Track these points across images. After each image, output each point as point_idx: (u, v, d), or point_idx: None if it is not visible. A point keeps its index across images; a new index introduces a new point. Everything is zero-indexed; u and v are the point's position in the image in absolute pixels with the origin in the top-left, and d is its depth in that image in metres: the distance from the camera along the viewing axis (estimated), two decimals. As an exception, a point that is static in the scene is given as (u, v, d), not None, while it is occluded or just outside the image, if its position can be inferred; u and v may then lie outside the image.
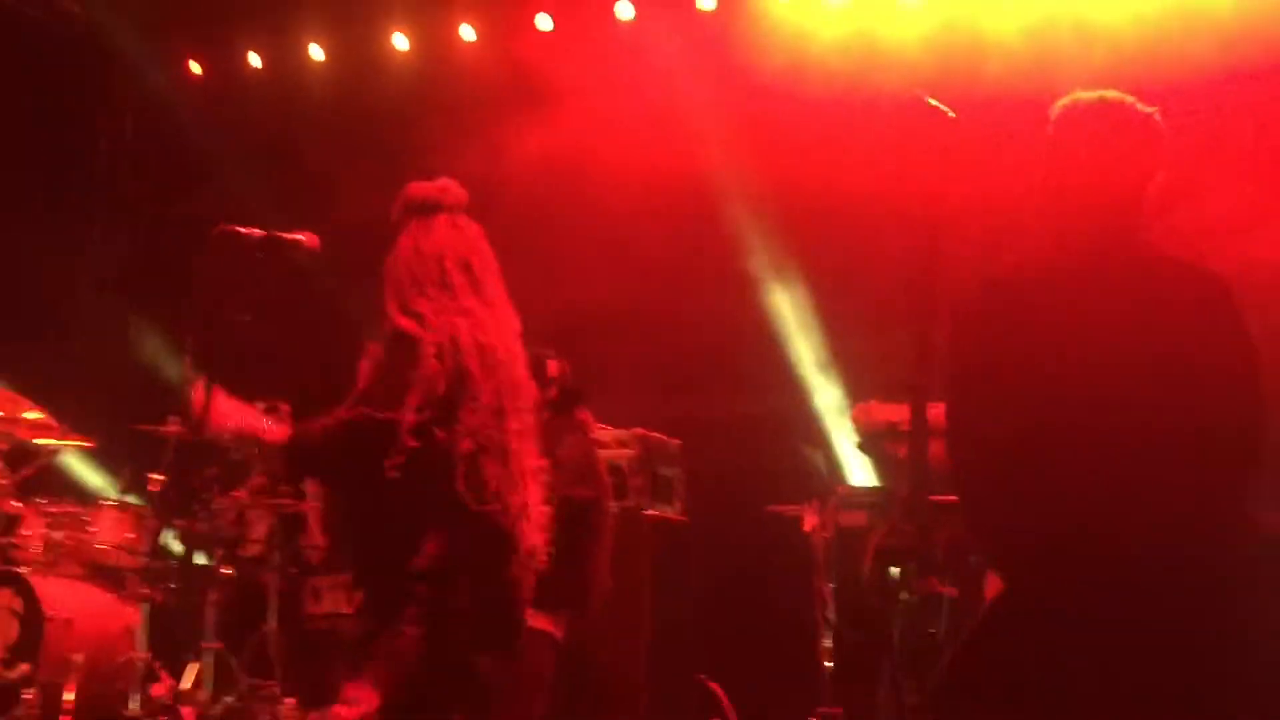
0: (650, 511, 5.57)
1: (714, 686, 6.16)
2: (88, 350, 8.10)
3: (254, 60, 9.34)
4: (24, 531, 6.38)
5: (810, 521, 5.55)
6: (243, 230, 3.52)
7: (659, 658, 5.45)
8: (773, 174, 6.89)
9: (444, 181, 3.58)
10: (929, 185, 3.07)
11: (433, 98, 8.47)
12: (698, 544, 5.84)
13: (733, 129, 7.16)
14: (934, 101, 2.96)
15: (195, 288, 3.42)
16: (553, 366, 4.97)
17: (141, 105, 9.37)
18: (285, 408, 3.69)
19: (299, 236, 3.57)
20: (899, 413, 5.21)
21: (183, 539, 6.61)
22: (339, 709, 3.32)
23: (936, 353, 2.98)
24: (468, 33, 8.67)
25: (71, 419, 6.73)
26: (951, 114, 3.00)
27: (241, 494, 6.38)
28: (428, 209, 3.50)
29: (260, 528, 6.50)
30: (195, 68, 9.46)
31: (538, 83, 7.57)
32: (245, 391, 3.43)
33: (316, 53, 9.12)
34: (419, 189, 3.54)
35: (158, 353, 7.94)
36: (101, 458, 7.70)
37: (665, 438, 5.78)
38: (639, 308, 6.68)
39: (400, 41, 8.88)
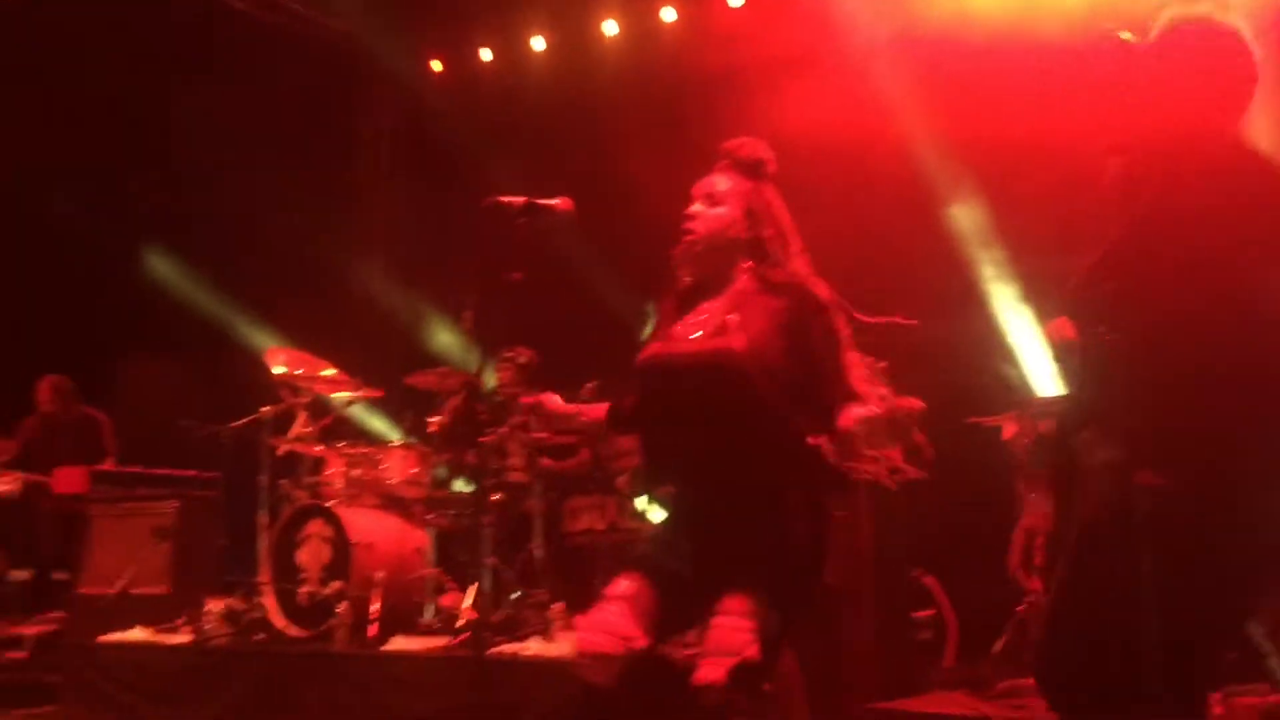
0: (864, 430, 5.55)
1: (929, 581, 6.17)
2: (366, 314, 8.42)
3: (485, 54, 9.57)
4: (328, 471, 6.73)
5: (1010, 430, 5.50)
6: (506, 200, 3.62)
7: (879, 559, 5.46)
8: (959, 110, 6.77)
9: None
10: (1114, 115, 2.97)
11: (641, 79, 8.53)
12: (909, 452, 5.79)
13: (914, 71, 7.02)
14: (1126, 35, 2.85)
15: (472, 253, 3.53)
16: None
17: (395, 101, 9.66)
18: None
19: (555, 202, 3.65)
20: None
21: (457, 471, 6.90)
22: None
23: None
24: (669, 14, 8.72)
25: (360, 373, 7.06)
26: (1136, 40, 2.87)
27: (503, 430, 6.60)
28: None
29: (519, 459, 6.73)
30: (436, 65, 9.74)
31: (737, 55, 7.57)
32: (516, 337, 3.56)
33: (538, 44, 9.29)
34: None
35: (428, 312, 8.20)
36: (385, 406, 8.03)
37: (872, 360, 5.74)
38: (840, 244, 6.63)
39: (610, 28, 8.97)
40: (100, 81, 8.77)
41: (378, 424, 8.28)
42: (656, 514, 6.07)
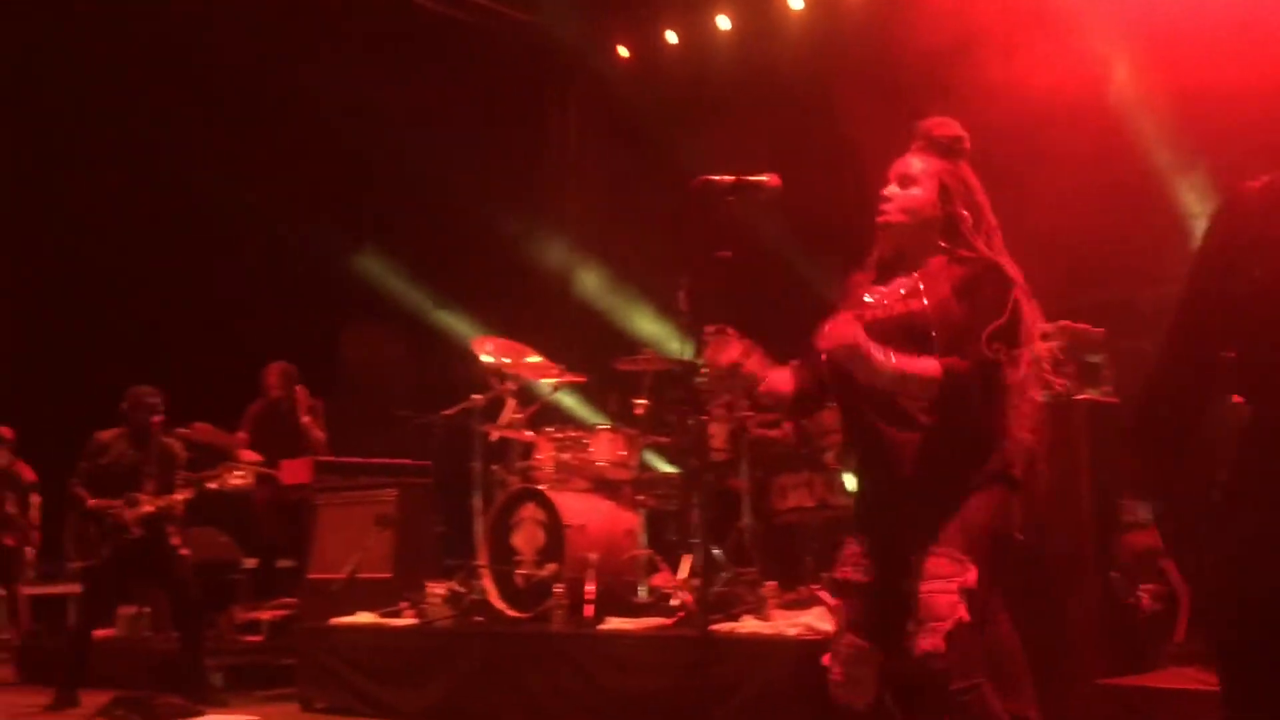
0: (1080, 396, 5.40)
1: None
2: (566, 300, 8.54)
3: (671, 37, 9.60)
4: (538, 456, 6.86)
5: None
6: (715, 178, 3.63)
7: (1102, 530, 5.29)
8: (1172, 74, 6.51)
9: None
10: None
11: (830, 54, 8.43)
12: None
13: (1130, 38, 6.76)
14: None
15: (681, 233, 3.56)
16: None
17: (584, 90, 9.77)
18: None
19: (763, 178, 3.64)
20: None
21: (663, 453, 6.95)
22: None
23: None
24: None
25: (563, 359, 7.19)
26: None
27: (708, 413, 6.61)
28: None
29: (721, 439, 6.72)
30: (624, 51, 9.82)
31: (930, 27, 7.40)
32: (726, 316, 3.55)
33: (724, 23, 9.26)
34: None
35: (626, 296, 8.27)
36: (589, 390, 8.15)
37: (1089, 327, 5.57)
38: (1053, 213, 6.48)
39: (795, 2, 8.89)
40: (300, 83, 9.11)
41: (582, 408, 8.39)
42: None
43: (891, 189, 3.35)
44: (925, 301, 3.24)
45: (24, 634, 9.25)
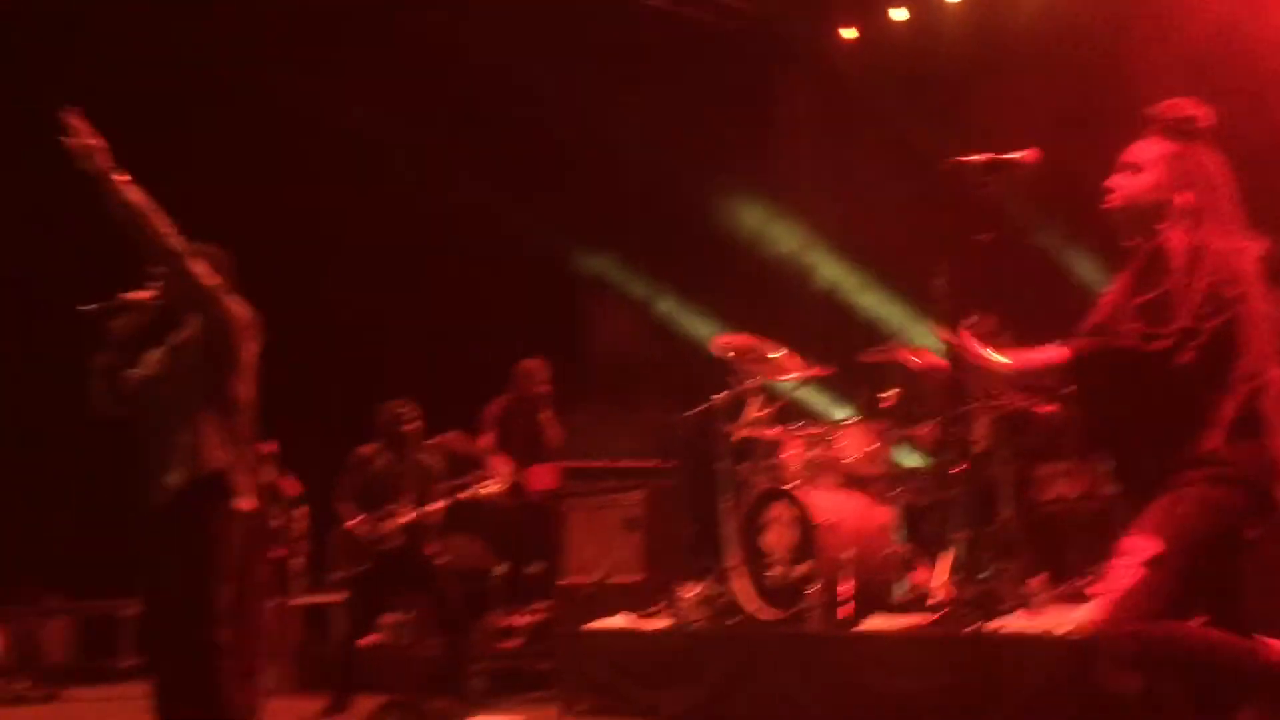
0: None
1: None
2: (802, 293, 8.41)
3: (898, 15, 9.34)
4: (784, 454, 6.75)
5: None
6: (967, 159, 3.47)
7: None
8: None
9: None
10: None
11: (1064, 27, 8.03)
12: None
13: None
14: None
15: (939, 217, 3.42)
16: None
17: (810, 77, 9.61)
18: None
19: (1019, 155, 3.46)
20: None
21: (918, 445, 6.74)
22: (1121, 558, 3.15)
23: None
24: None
25: (804, 352, 7.05)
26: None
27: (967, 403, 6.37)
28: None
29: (980, 428, 6.47)
30: (849, 33, 9.62)
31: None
32: (985, 302, 3.42)
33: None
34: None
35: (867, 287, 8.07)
36: (834, 384, 7.98)
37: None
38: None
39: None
40: (529, 83, 9.25)
41: (826, 402, 8.22)
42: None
43: (1117, 176, 3.34)
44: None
45: (296, 643, 9.67)
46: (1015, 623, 5.44)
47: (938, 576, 6.10)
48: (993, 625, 5.41)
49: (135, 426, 4.57)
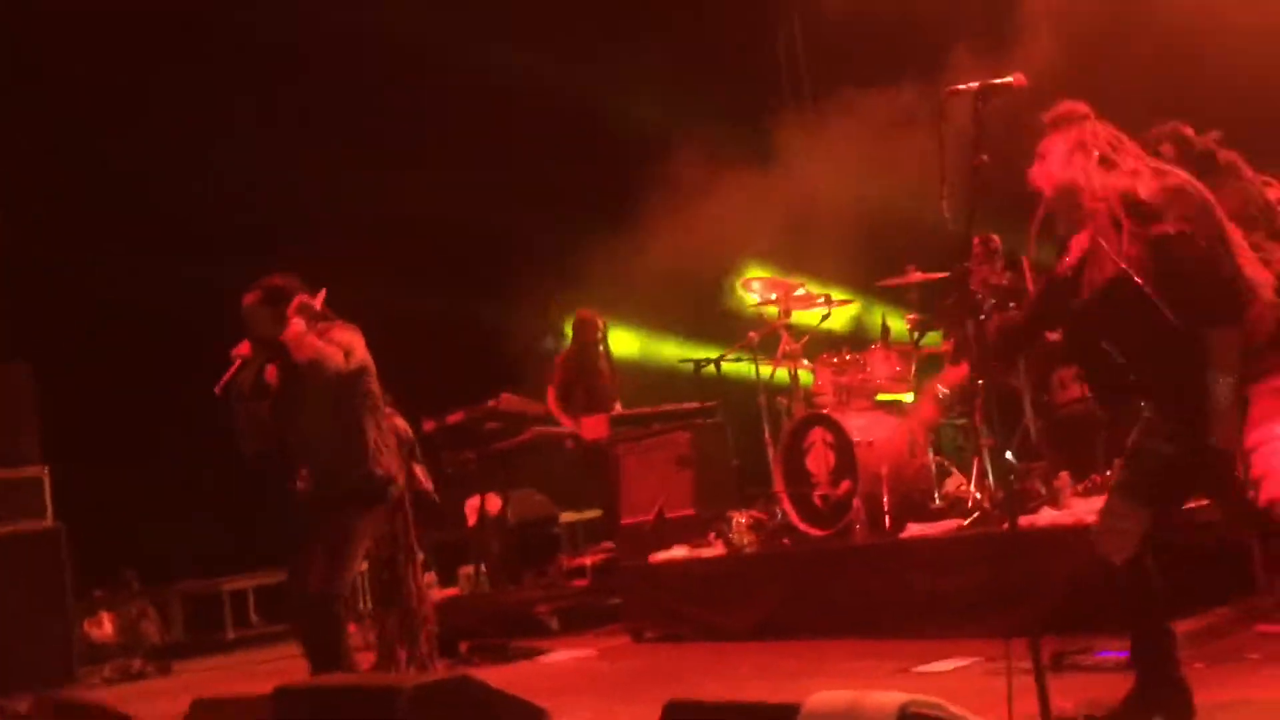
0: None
1: None
2: (821, 223, 8.39)
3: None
4: (818, 382, 6.87)
5: None
6: (961, 86, 3.53)
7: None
8: None
9: None
10: None
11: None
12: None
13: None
14: None
15: (940, 141, 3.48)
16: None
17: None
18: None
19: (1008, 79, 3.51)
20: None
21: (939, 362, 6.84)
22: None
23: None
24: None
25: (832, 281, 7.14)
26: None
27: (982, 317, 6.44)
28: None
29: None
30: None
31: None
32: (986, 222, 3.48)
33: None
34: None
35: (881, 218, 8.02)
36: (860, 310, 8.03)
37: None
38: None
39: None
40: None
41: (856, 329, 8.25)
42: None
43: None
44: None
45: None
46: (1045, 518, 5.55)
47: (970, 483, 6.21)
48: (1026, 520, 5.52)
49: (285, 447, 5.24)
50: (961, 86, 3.52)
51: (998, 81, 3.54)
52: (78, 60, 9.73)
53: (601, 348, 8.67)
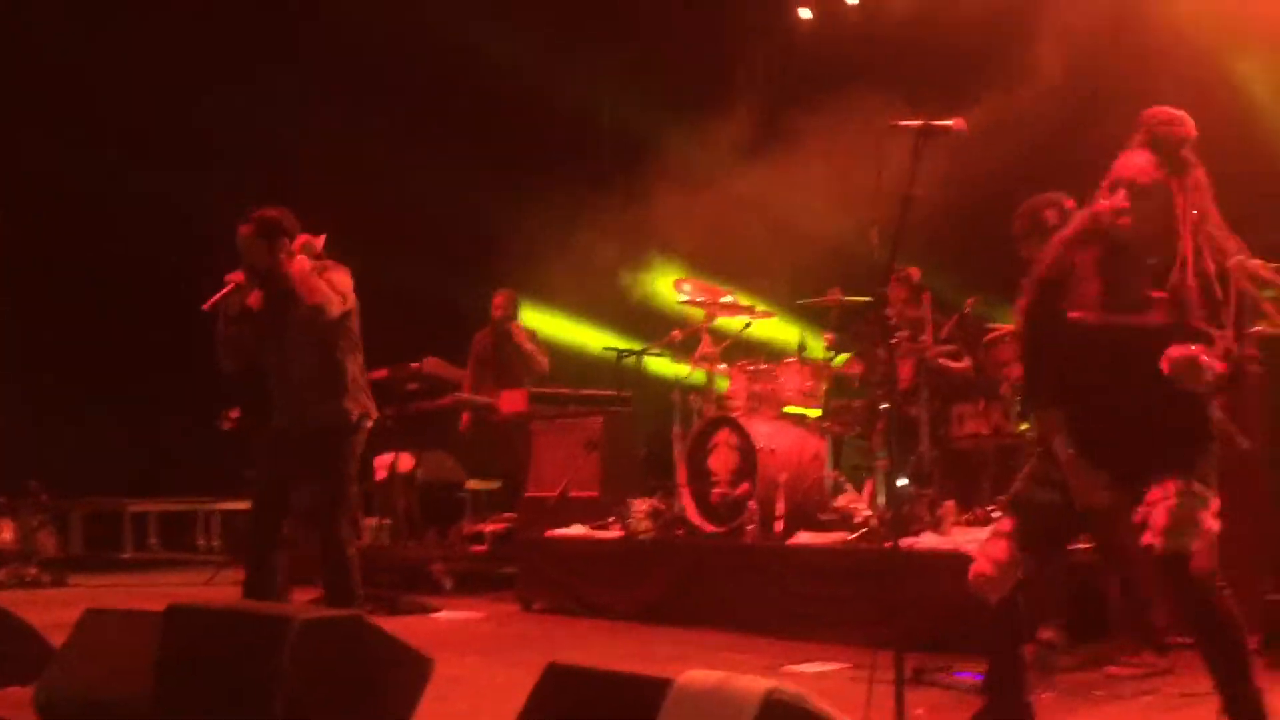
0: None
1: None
2: (758, 241, 8.49)
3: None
4: (732, 387, 6.96)
5: None
6: (904, 122, 3.61)
7: (1274, 465, 5.08)
8: None
9: None
10: None
11: (997, 19, 8.12)
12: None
13: None
14: None
15: (877, 172, 3.54)
16: None
17: (769, 50, 9.70)
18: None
19: (949, 122, 3.60)
20: None
21: (848, 383, 6.96)
22: None
23: None
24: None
25: (757, 295, 7.24)
26: None
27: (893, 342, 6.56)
28: None
29: (905, 370, 6.68)
30: (805, 14, 9.75)
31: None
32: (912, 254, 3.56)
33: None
34: None
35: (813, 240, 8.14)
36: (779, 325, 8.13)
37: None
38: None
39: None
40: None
41: (774, 341, 8.37)
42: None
43: (1123, 196, 3.31)
44: (1166, 311, 3.26)
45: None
46: (926, 541, 5.69)
47: (861, 500, 6.34)
48: (908, 542, 5.65)
49: (267, 372, 5.42)
50: (905, 122, 3.60)
51: (939, 123, 3.62)
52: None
53: (514, 326, 8.72)
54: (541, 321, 10.38)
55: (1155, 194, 3.30)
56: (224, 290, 5.19)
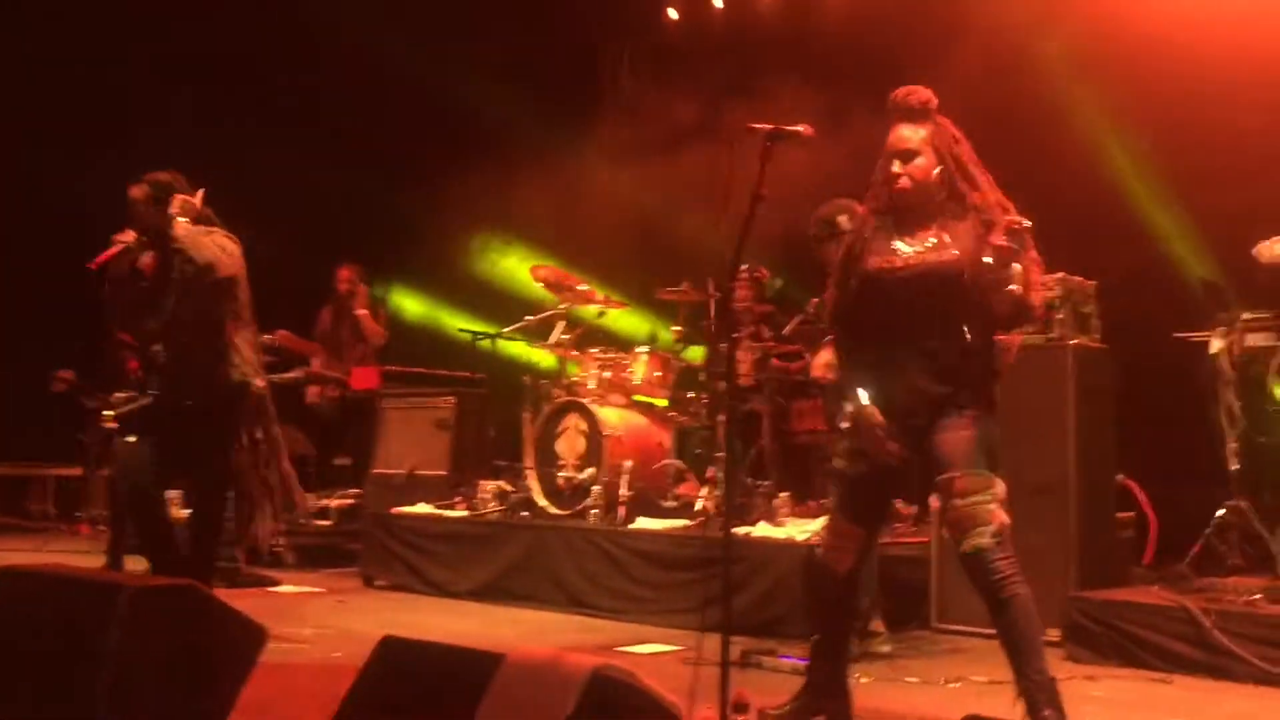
0: (1073, 341, 5.46)
1: (1131, 484, 6.03)
2: (618, 234, 8.52)
3: (717, 1, 9.59)
4: (582, 373, 6.99)
5: (1217, 344, 5.31)
6: (756, 125, 3.67)
7: (1083, 462, 5.37)
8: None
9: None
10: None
11: (862, 26, 8.31)
12: (1115, 367, 5.67)
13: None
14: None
15: (722, 174, 3.61)
16: None
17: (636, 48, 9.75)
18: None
19: (799, 128, 3.67)
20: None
21: (695, 376, 7.06)
22: None
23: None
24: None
25: (612, 286, 7.28)
26: None
27: (738, 337, 6.70)
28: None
29: (747, 364, 6.81)
30: (673, 14, 9.82)
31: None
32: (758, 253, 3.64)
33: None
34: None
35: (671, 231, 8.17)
36: (633, 316, 8.20)
37: (1083, 279, 5.61)
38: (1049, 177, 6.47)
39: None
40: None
41: (626, 331, 8.44)
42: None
43: (897, 165, 3.58)
44: (955, 252, 3.50)
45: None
46: (760, 531, 5.83)
47: (702, 489, 6.44)
48: (744, 531, 5.78)
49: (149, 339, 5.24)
50: (756, 125, 3.66)
51: (790, 128, 3.69)
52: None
53: (358, 300, 8.61)
54: (404, 302, 10.29)
55: (921, 151, 3.57)
56: (112, 250, 5.02)
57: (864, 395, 3.52)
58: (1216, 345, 5.30)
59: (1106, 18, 6.75)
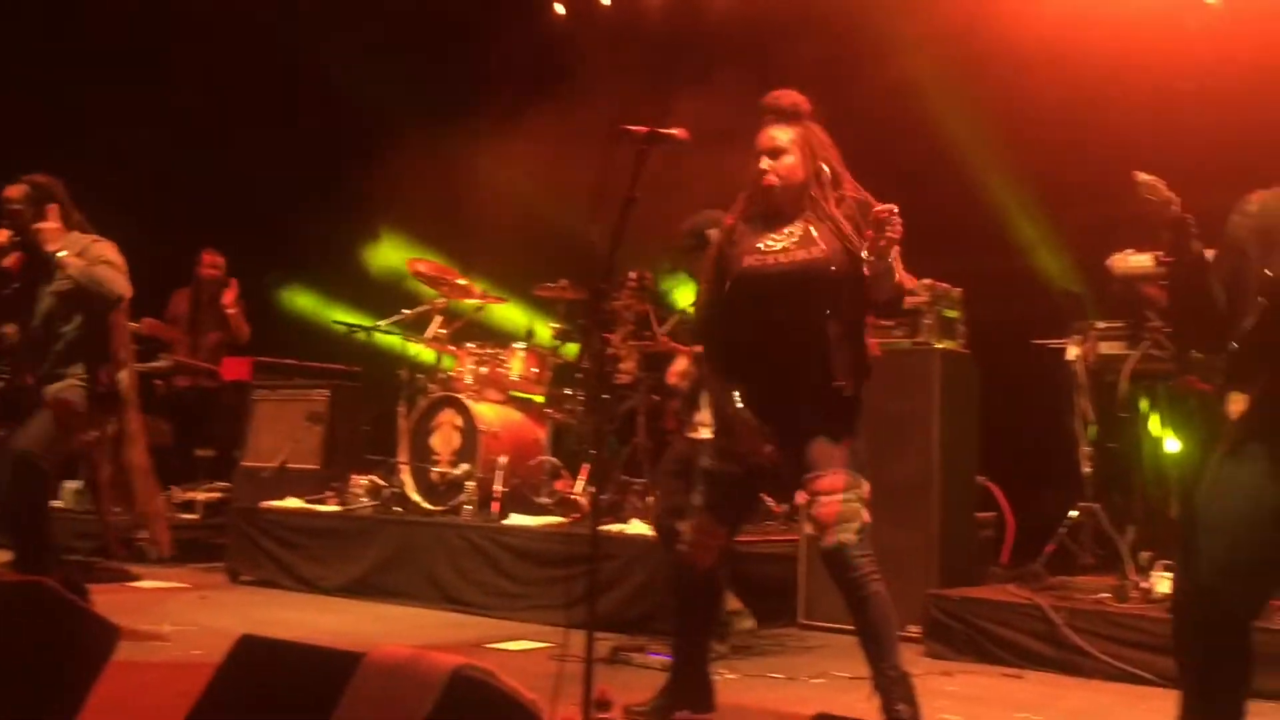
0: (939, 345, 5.59)
1: (991, 486, 6.20)
2: (498, 229, 8.45)
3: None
4: (459, 368, 6.92)
5: (1073, 351, 5.49)
6: (632, 128, 3.67)
7: (947, 463, 5.51)
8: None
9: None
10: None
11: (744, 25, 8.39)
12: (978, 372, 5.82)
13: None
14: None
15: (599, 173, 3.58)
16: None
17: (522, 42, 9.66)
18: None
19: (674, 131, 3.69)
20: (1145, 261, 5.12)
21: (572, 373, 7.04)
22: None
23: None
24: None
25: (492, 281, 7.21)
26: None
27: (613, 337, 6.69)
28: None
29: (629, 363, 6.81)
30: (559, 9, 9.79)
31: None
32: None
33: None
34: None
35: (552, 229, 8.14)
36: (511, 312, 8.14)
37: (949, 286, 5.75)
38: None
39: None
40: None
41: (504, 327, 8.38)
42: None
43: (766, 163, 3.63)
44: (824, 246, 3.55)
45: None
46: (632, 528, 5.84)
47: (577, 485, 6.43)
48: (617, 528, 5.79)
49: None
50: (631, 127, 3.66)
51: (665, 131, 3.70)
52: None
53: (226, 294, 8.39)
54: (282, 294, 10.05)
55: (790, 149, 3.63)
56: None
57: (737, 397, 3.54)
58: (1073, 352, 5.47)
59: (978, 29, 6.92)
